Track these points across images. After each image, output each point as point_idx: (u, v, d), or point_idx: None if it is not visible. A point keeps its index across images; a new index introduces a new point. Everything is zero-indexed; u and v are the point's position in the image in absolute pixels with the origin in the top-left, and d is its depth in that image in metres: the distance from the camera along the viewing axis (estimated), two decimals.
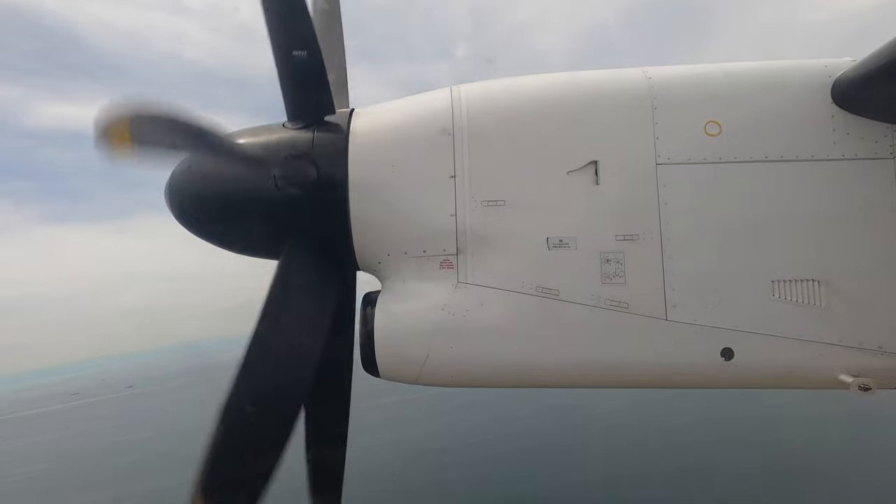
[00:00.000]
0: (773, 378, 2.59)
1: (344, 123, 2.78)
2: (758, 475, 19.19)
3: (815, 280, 2.51)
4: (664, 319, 2.53)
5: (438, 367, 2.59)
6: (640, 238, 2.55)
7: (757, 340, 2.51)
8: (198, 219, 2.82)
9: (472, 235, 2.62)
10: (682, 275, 2.54)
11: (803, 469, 19.59)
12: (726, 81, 2.68)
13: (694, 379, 2.61)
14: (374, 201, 2.67)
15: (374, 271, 2.81)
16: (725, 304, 2.52)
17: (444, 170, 2.66)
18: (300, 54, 2.63)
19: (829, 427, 22.03)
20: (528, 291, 2.57)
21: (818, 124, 2.56)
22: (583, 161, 2.59)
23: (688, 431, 24.13)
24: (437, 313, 2.59)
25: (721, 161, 2.56)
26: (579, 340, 2.57)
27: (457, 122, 2.69)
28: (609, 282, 2.55)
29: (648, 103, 2.63)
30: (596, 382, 2.67)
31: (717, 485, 19.22)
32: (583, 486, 19.82)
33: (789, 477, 18.86)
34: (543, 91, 2.77)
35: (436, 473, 22.41)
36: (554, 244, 2.58)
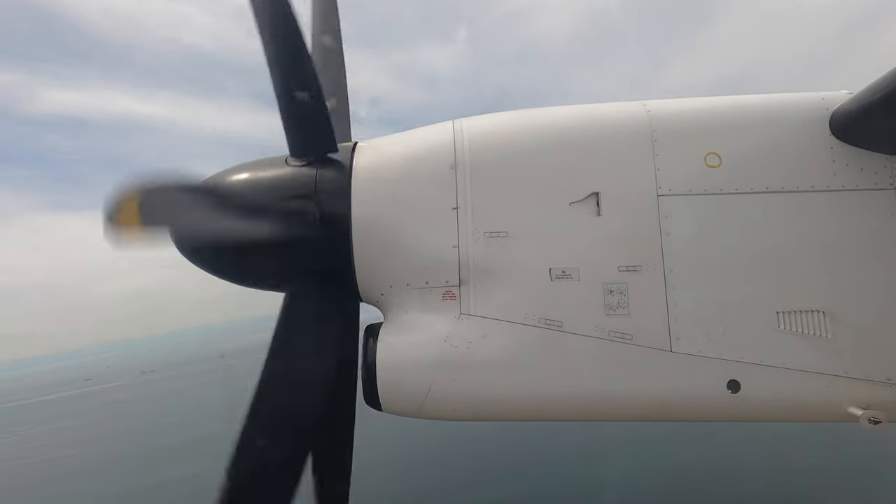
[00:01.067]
0: (781, 410, 2.57)
1: (346, 159, 2.81)
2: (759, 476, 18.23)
3: (820, 311, 2.51)
4: (668, 351, 2.52)
5: (441, 401, 2.57)
6: (643, 269, 2.56)
7: (763, 372, 2.50)
8: (205, 258, 2.83)
9: (475, 267, 2.63)
10: (686, 306, 2.53)
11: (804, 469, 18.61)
12: (725, 114, 2.71)
13: (700, 412, 2.59)
14: (377, 235, 2.68)
15: (376, 303, 2.81)
16: (730, 335, 2.51)
17: (446, 202, 2.67)
18: (302, 95, 2.63)
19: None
20: (532, 323, 2.56)
21: (817, 156, 2.59)
22: (584, 192, 2.61)
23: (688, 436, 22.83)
24: (439, 345, 2.57)
25: (722, 192, 2.58)
26: (583, 372, 2.55)
27: (459, 155, 2.71)
28: (612, 313, 2.55)
29: (648, 135, 2.66)
30: (600, 415, 2.65)
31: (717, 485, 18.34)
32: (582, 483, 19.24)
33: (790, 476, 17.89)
34: (544, 123, 2.80)
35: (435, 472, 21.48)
36: (557, 275, 2.58)
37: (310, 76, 2.66)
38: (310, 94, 2.68)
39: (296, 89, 2.64)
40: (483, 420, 2.70)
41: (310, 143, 2.79)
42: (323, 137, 2.78)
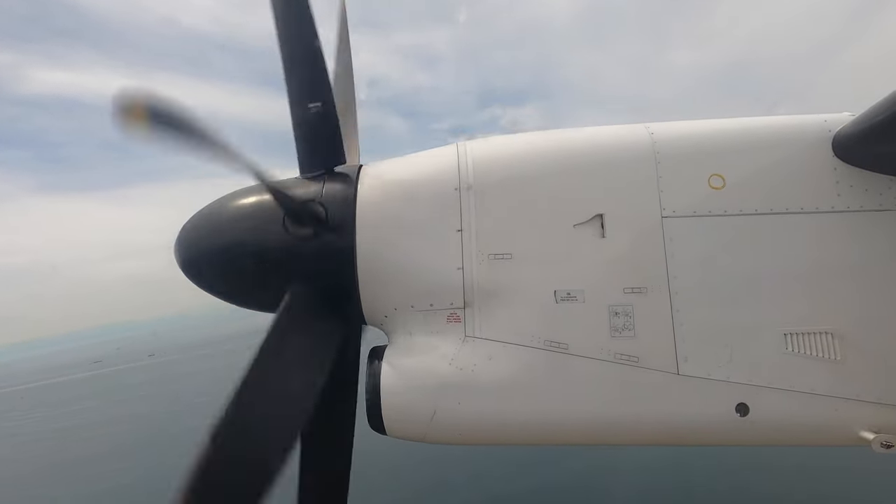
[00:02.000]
0: (792, 434, 2.53)
1: (352, 180, 2.83)
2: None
3: (828, 333, 2.50)
4: (675, 374, 2.50)
5: (446, 424, 2.56)
6: (649, 291, 2.56)
7: (772, 395, 2.48)
8: (207, 279, 2.87)
9: (480, 289, 2.63)
10: (692, 328, 2.53)
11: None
12: (728, 136, 2.73)
13: (709, 436, 2.56)
14: (382, 258, 2.69)
15: (380, 325, 2.81)
16: (738, 357, 2.50)
17: (450, 224, 2.69)
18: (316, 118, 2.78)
19: None
20: (537, 345, 2.56)
21: (821, 177, 2.60)
22: (588, 214, 2.62)
23: None
24: (444, 368, 2.56)
25: (726, 214, 2.59)
26: (589, 395, 2.54)
27: (463, 178, 2.74)
28: (618, 335, 2.54)
29: (651, 157, 2.68)
30: (607, 439, 2.63)
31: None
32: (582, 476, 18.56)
33: None
34: (547, 146, 2.82)
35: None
36: (562, 297, 2.58)
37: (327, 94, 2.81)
38: (324, 121, 2.79)
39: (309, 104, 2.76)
40: (489, 444, 2.69)
41: (318, 161, 2.86)
42: (332, 156, 2.87)
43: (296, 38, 2.88)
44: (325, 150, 2.89)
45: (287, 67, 2.85)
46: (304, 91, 2.84)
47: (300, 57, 2.86)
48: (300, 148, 2.89)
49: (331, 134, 2.88)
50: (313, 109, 2.82)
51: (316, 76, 2.85)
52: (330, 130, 2.88)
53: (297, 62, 2.87)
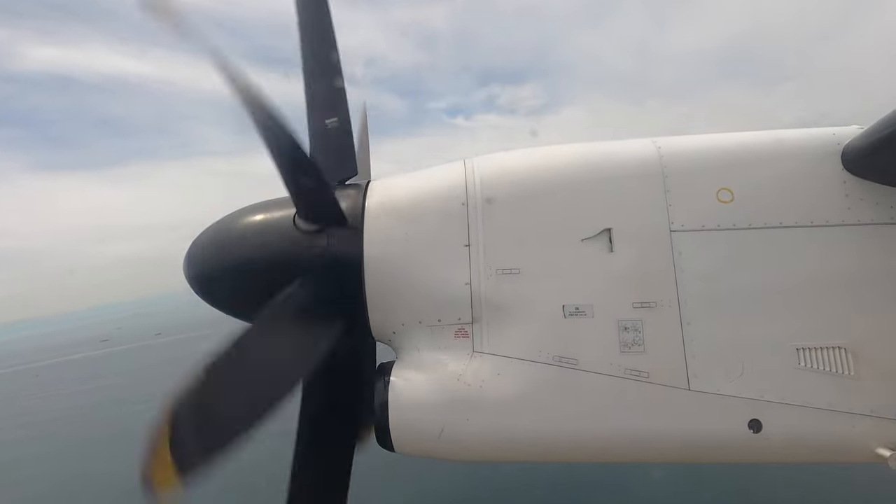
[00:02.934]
0: (806, 451, 2.49)
1: (361, 194, 2.85)
2: None
3: (841, 347, 2.46)
4: (686, 389, 2.47)
5: (454, 441, 2.53)
6: (658, 305, 2.54)
7: (785, 411, 2.44)
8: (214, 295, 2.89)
9: (488, 304, 2.62)
10: (703, 343, 2.50)
11: None
12: (736, 150, 2.72)
13: (721, 453, 2.52)
14: (389, 273, 2.69)
15: (388, 341, 2.80)
16: (749, 372, 2.47)
17: (458, 239, 2.69)
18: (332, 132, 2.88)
19: None
20: (546, 360, 2.53)
21: (831, 190, 2.58)
22: (596, 229, 2.61)
23: None
24: (452, 384, 2.54)
25: (735, 228, 2.58)
26: (599, 411, 2.51)
27: (470, 193, 2.74)
28: (628, 350, 2.51)
29: (659, 171, 2.67)
30: (617, 456, 2.61)
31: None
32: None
33: None
34: (554, 161, 2.82)
35: None
36: (570, 312, 2.56)
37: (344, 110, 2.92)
38: (339, 125, 2.87)
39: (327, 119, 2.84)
40: (498, 461, 2.66)
41: (330, 174, 2.89)
42: (343, 169, 2.93)
43: (318, 54, 2.97)
44: (338, 163, 2.94)
45: (308, 82, 2.95)
46: (323, 106, 2.93)
47: (321, 73, 2.96)
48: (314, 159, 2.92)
49: (345, 148, 2.96)
50: (330, 124, 2.90)
51: (334, 92, 2.95)
52: (344, 145, 2.96)
53: (318, 78, 2.97)
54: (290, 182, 2.63)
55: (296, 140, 2.50)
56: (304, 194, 2.69)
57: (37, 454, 32.00)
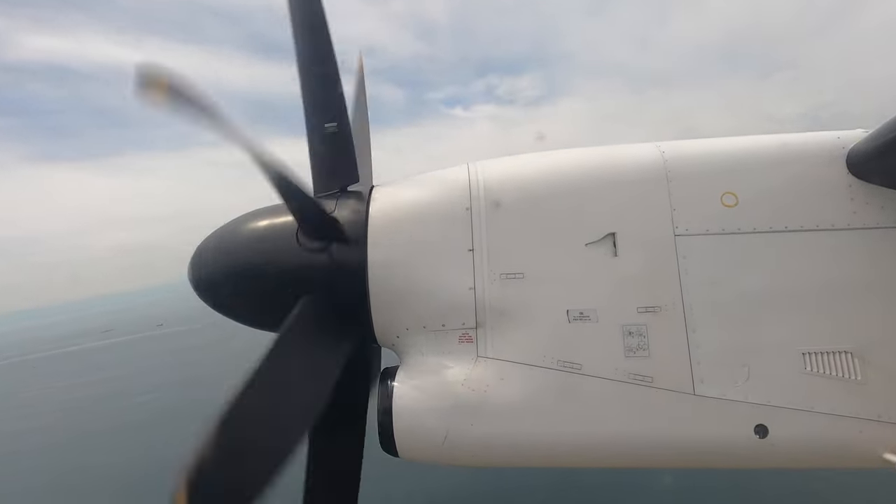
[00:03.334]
0: (813, 456, 2.48)
1: (364, 200, 2.84)
2: None
3: (847, 352, 2.45)
4: (692, 394, 2.46)
5: (458, 446, 2.51)
6: (663, 310, 2.52)
7: (792, 416, 2.43)
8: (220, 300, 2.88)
9: (492, 309, 2.60)
10: (708, 348, 2.48)
11: None
12: (739, 154, 2.70)
13: (727, 458, 2.51)
14: (393, 278, 2.66)
15: (392, 346, 2.79)
16: (755, 377, 2.45)
17: (462, 244, 2.67)
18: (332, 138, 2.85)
19: None
20: (550, 365, 2.52)
21: (836, 194, 2.57)
22: (600, 233, 2.60)
23: None
24: (456, 389, 2.53)
25: (740, 232, 2.56)
26: (604, 416, 2.50)
27: (474, 197, 2.73)
28: (632, 355, 2.50)
29: (663, 175, 2.65)
30: (622, 462, 2.58)
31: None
32: None
33: None
34: (558, 165, 2.81)
35: None
36: (574, 317, 2.55)
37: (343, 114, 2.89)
38: (339, 130, 2.84)
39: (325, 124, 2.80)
40: (502, 466, 2.64)
41: (332, 182, 2.89)
42: (345, 176, 2.90)
43: (314, 59, 2.92)
44: (339, 169, 2.92)
45: (305, 87, 2.92)
46: (321, 111, 2.89)
47: (318, 78, 2.91)
48: (314, 166, 2.92)
49: (345, 154, 2.92)
50: (329, 129, 2.86)
51: (333, 97, 2.91)
52: (345, 150, 2.92)
53: (315, 83, 2.93)
54: (292, 210, 2.66)
55: (294, 181, 2.49)
56: (306, 219, 2.69)
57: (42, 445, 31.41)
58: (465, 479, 17.53)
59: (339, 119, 2.90)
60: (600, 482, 16.49)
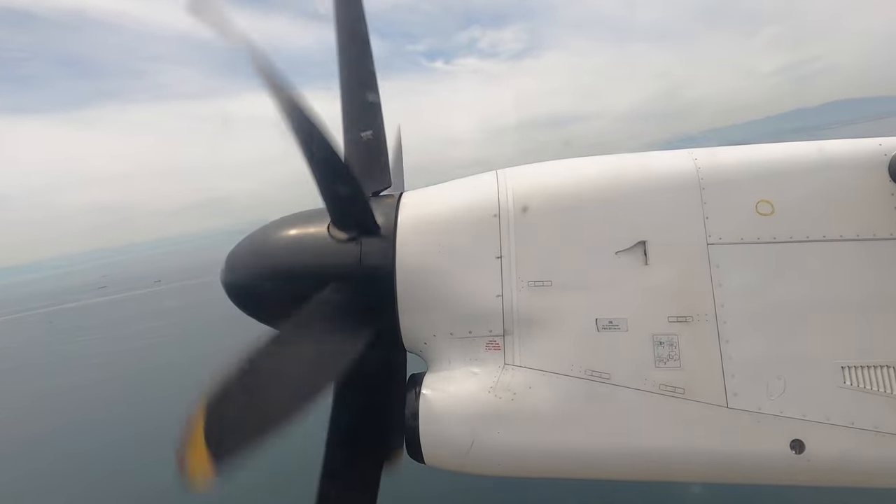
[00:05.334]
0: (852, 474, 2.43)
1: (393, 206, 2.90)
2: None
3: (889, 366, 2.39)
4: (724, 407, 2.43)
5: (484, 454, 2.53)
6: (695, 320, 2.50)
7: (829, 432, 2.37)
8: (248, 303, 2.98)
9: (519, 316, 2.62)
10: (742, 360, 2.46)
11: None
12: (774, 161, 2.68)
13: (761, 473, 2.47)
14: (420, 283, 2.72)
15: (419, 352, 2.83)
16: (791, 391, 2.41)
17: (490, 251, 2.70)
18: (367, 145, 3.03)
19: None
20: (578, 374, 2.52)
21: (877, 203, 2.51)
22: (631, 241, 2.60)
23: None
24: (483, 396, 2.55)
25: (776, 241, 2.53)
26: (633, 427, 2.49)
27: (503, 204, 2.75)
28: (663, 365, 2.48)
29: (695, 183, 2.64)
30: (652, 474, 2.56)
31: None
32: None
33: None
34: (588, 172, 2.83)
35: None
36: (603, 325, 2.55)
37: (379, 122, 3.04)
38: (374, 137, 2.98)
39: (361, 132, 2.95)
40: (528, 476, 2.66)
41: (365, 185, 2.95)
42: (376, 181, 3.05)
43: (354, 67, 3.09)
44: (372, 175, 3.04)
45: (344, 94, 3.07)
46: (358, 119, 3.05)
47: (357, 87, 3.07)
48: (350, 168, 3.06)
49: (379, 160, 3.07)
50: (365, 137, 3.00)
51: (369, 106, 3.06)
52: (378, 157, 3.07)
53: (354, 91, 3.08)
54: (325, 189, 2.69)
55: (334, 148, 2.56)
56: (339, 202, 2.76)
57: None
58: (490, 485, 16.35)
59: (375, 127, 3.04)
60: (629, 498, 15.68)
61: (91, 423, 29.54)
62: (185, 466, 2.07)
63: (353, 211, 2.76)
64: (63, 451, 26.61)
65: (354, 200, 2.75)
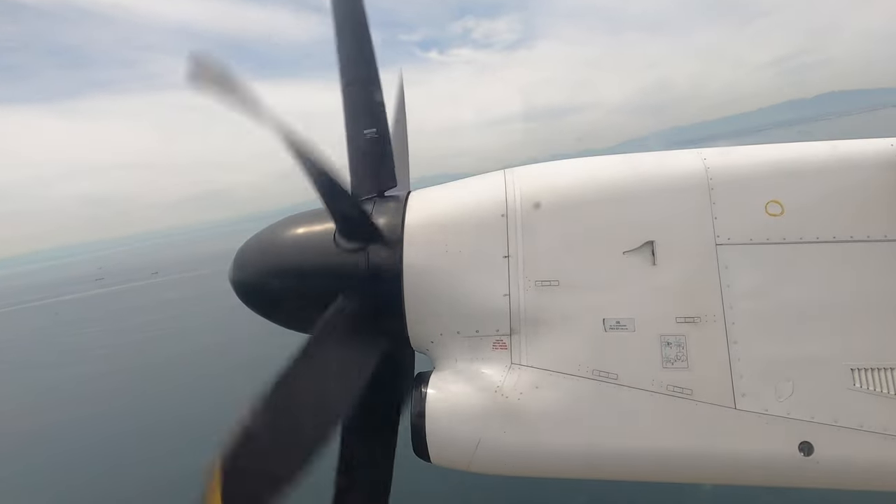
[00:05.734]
0: (861, 477, 2.42)
1: (401, 205, 2.91)
2: None
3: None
4: (732, 408, 2.42)
5: (491, 454, 2.53)
6: (703, 321, 2.49)
7: (838, 434, 2.36)
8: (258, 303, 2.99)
9: (526, 316, 2.62)
10: (751, 361, 2.44)
11: None
12: (785, 161, 2.67)
13: (769, 475, 2.46)
14: (429, 283, 2.72)
15: (426, 351, 2.83)
16: (800, 393, 2.40)
17: (497, 250, 2.70)
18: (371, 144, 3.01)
19: None
20: (585, 374, 2.51)
21: (889, 204, 2.49)
22: (638, 241, 2.59)
23: None
24: (489, 395, 2.55)
25: (785, 242, 2.51)
26: (639, 428, 2.48)
27: (510, 204, 2.75)
28: (671, 366, 2.47)
29: (704, 183, 2.62)
30: (658, 475, 2.55)
31: None
32: None
33: None
34: (596, 172, 2.83)
35: None
36: (611, 326, 2.54)
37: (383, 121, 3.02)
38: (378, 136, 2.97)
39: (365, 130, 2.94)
40: (534, 475, 2.66)
41: (370, 185, 2.99)
42: (382, 182, 3.03)
43: (355, 65, 3.08)
44: (377, 174, 3.03)
45: (346, 94, 3.05)
46: (362, 117, 3.04)
47: (360, 85, 3.06)
48: (353, 170, 3.03)
49: (384, 160, 3.05)
50: (369, 135, 2.99)
51: (373, 104, 3.05)
52: (383, 156, 3.05)
53: (356, 89, 3.06)
54: (330, 209, 2.73)
55: (334, 177, 2.57)
56: (344, 220, 2.79)
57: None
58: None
59: (379, 125, 3.02)
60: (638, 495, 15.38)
61: (94, 417, 30.02)
62: None
63: (358, 227, 2.77)
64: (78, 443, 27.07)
65: (359, 220, 2.76)
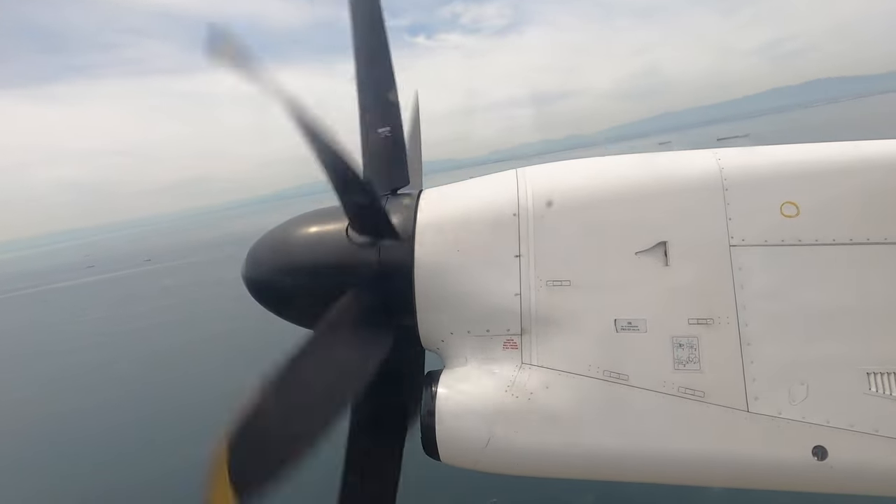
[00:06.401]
0: (876, 482, 2.39)
1: (412, 203, 2.92)
2: None
3: None
4: (745, 411, 2.40)
5: (500, 453, 2.53)
6: (715, 323, 2.47)
7: (855, 439, 2.32)
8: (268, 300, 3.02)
9: (537, 316, 2.62)
10: (764, 363, 2.42)
11: None
12: (800, 161, 2.65)
13: (782, 479, 2.44)
14: (440, 282, 2.73)
15: (437, 349, 2.84)
16: (815, 396, 2.37)
17: (508, 249, 2.70)
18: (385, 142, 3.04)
19: None
20: (596, 375, 2.51)
21: None
22: (651, 242, 2.58)
23: None
24: (500, 395, 2.55)
25: (801, 243, 2.49)
26: (650, 429, 2.47)
27: (522, 203, 2.75)
28: (682, 368, 2.46)
29: (719, 184, 2.61)
30: (668, 478, 2.55)
31: None
32: None
33: None
34: (608, 172, 2.83)
35: None
36: (622, 326, 2.53)
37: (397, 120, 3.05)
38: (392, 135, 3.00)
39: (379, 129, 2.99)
40: (543, 475, 2.65)
41: (383, 183, 3.01)
42: (394, 180, 3.05)
43: (370, 63, 3.10)
44: (390, 173, 3.06)
45: (361, 91, 3.08)
46: (375, 116, 3.07)
47: (374, 84, 3.09)
48: (366, 168, 3.05)
49: (397, 158, 3.09)
50: (383, 134, 3.02)
51: (387, 103, 3.07)
52: (397, 155, 3.08)
53: (371, 88, 3.09)
54: (343, 199, 2.73)
55: (348, 162, 2.58)
56: (357, 211, 2.80)
57: None
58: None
59: (393, 124, 3.06)
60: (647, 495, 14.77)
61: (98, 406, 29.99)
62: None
63: (371, 217, 2.80)
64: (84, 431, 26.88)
65: (372, 208, 2.78)
